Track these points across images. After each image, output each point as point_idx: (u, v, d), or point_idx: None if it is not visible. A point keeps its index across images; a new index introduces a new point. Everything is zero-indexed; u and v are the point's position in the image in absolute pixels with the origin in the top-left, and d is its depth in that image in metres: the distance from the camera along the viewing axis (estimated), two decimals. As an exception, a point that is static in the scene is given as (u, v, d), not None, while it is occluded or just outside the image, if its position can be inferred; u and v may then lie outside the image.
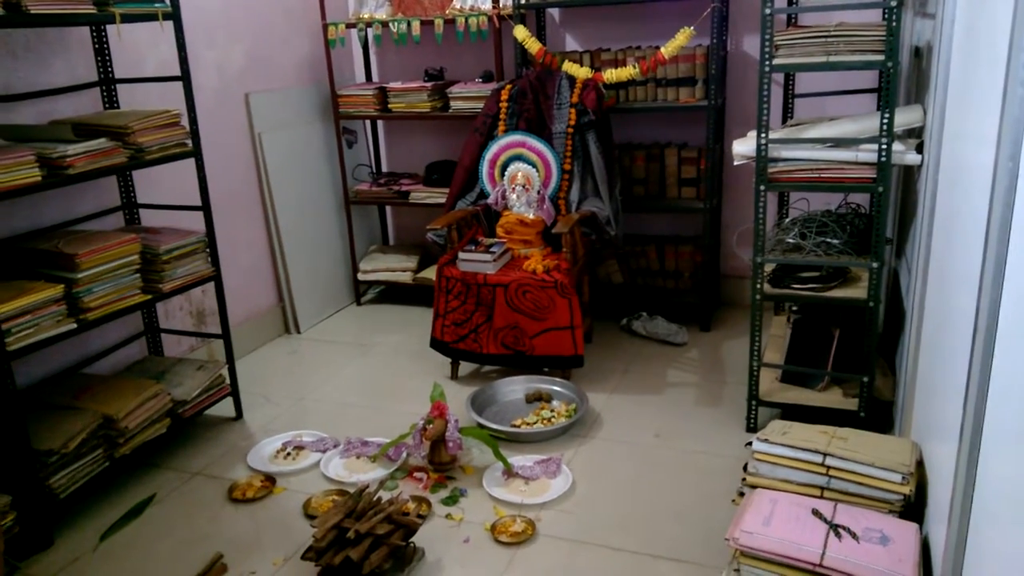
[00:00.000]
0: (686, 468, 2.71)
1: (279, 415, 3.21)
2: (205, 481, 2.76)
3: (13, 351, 2.28)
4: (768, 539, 1.75)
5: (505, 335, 3.27)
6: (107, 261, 2.56)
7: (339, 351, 3.85)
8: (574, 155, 3.48)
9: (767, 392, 2.88)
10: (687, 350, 3.65)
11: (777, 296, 2.81)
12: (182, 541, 2.42)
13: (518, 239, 3.44)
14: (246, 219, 3.85)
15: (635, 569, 2.22)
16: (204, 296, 3.53)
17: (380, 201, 4.37)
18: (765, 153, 2.62)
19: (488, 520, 2.45)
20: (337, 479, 2.71)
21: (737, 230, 3.92)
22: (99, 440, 2.58)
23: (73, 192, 2.90)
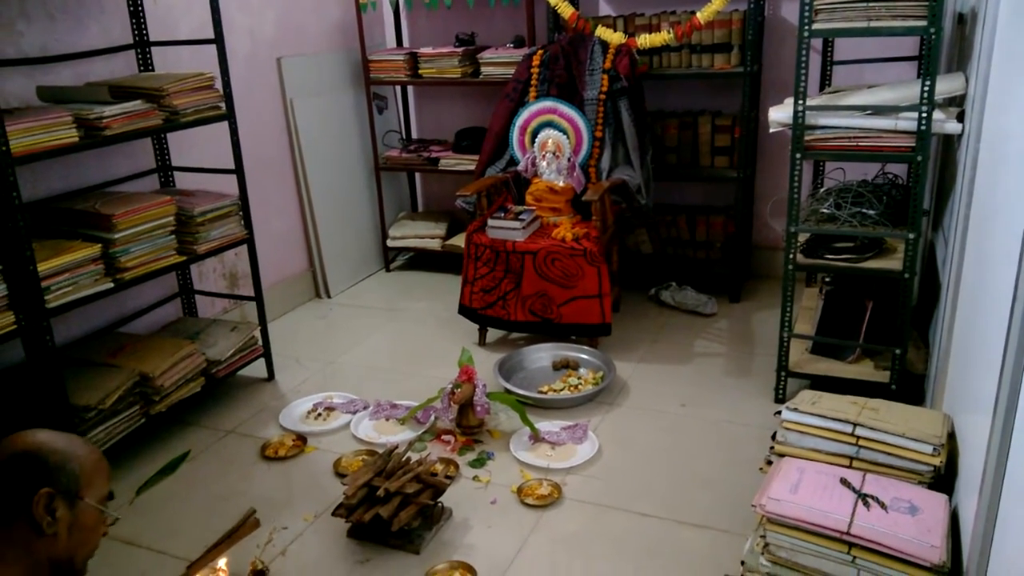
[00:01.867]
0: (712, 437, 2.71)
1: (310, 377, 3.26)
2: (238, 439, 2.82)
3: (52, 308, 2.34)
4: (795, 506, 1.75)
5: (533, 302, 3.27)
6: (143, 222, 2.60)
7: (369, 316, 3.88)
8: (606, 122, 3.44)
9: (796, 363, 2.86)
10: (716, 321, 3.63)
11: (810, 266, 2.78)
12: (216, 496, 2.48)
13: (547, 207, 3.43)
14: (278, 184, 3.87)
15: (660, 534, 2.24)
16: (237, 259, 3.57)
17: (410, 168, 4.38)
18: (802, 120, 2.58)
19: (515, 483, 2.48)
20: (367, 440, 2.76)
21: (770, 200, 3.87)
22: (135, 397, 2.64)
23: (109, 154, 2.94)
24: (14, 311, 2.23)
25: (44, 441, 1.26)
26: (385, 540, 2.20)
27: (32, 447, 1.24)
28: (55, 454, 1.26)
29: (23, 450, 1.23)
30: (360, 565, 2.16)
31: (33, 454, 1.23)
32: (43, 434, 1.28)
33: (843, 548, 1.69)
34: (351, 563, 2.16)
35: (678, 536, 2.23)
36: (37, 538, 1.23)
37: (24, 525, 1.22)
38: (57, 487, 1.25)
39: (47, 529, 1.24)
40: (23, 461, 1.22)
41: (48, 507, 1.24)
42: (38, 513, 1.22)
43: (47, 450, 1.26)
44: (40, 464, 1.23)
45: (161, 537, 2.30)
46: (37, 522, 1.23)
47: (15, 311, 2.23)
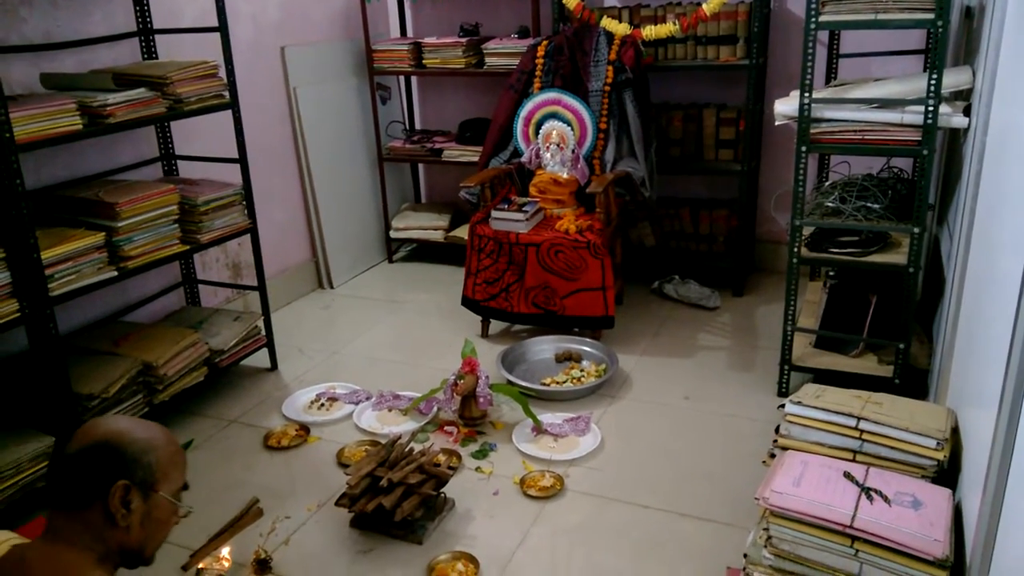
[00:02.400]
0: (715, 430, 2.71)
1: (313, 367, 3.26)
2: (241, 429, 2.82)
3: (55, 296, 2.33)
4: (798, 499, 1.75)
5: (536, 295, 3.27)
6: (146, 211, 2.60)
7: (371, 307, 3.88)
8: (610, 114, 3.43)
9: (800, 357, 2.86)
10: (719, 314, 3.63)
11: (815, 260, 2.78)
12: (219, 486, 2.49)
13: (551, 199, 3.42)
14: (281, 174, 3.87)
15: (662, 526, 2.24)
16: (240, 249, 3.57)
17: (413, 158, 4.37)
18: (808, 113, 2.57)
19: (517, 474, 2.48)
20: (369, 430, 2.76)
21: (775, 194, 3.86)
22: (139, 386, 2.64)
23: (112, 142, 2.93)
24: (17, 299, 2.23)
25: (124, 430, 1.26)
26: (388, 530, 2.21)
27: (113, 436, 1.24)
28: (134, 444, 1.26)
29: (103, 439, 1.23)
30: (363, 555, 2.16)
31: (113, 444, 1.24)
32: (124, 422, 1.29)
33: (846, 541, 1.69)
34: (354, 553, 2.17)
35: (680, 528, 2.23)
36: (111, 528, 1.24)
37: (99, 513, 1.23)
38: (133, 479, 1.25)
39: (121, 521, 1.24)
40: (103, 450, 1.23)
41: (124, 499, 1.24)
42: (113, 505, 1.23)
43: (127, 440, 1.26)
44: (119, 455, 1.24)
45: (164, 525, 2.30)
46: (112, 513, 1.23)
47: (18, 299, 2.23)
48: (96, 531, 1.23)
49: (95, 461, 1.22)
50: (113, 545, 1.25)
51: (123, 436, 1.26)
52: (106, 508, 1.23)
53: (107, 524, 1.24)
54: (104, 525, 1.24)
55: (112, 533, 1.25)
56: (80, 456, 1.22)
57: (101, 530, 1.23)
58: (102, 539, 1.24)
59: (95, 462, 1.23)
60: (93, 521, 1.23)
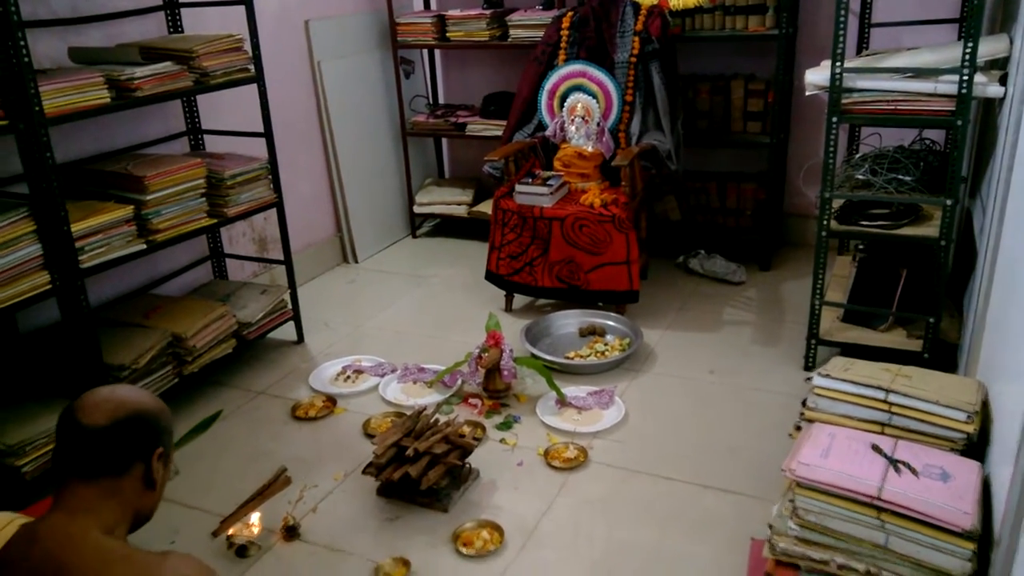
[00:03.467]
0: (740, 404, 2.70)
1: (338, 340, 3.29)
2: (269, 400, 2.86)
3: (86, 268, 2.37)
4: (826, 471, 1.74)
5: (560, 269, 3.26)
6: (174, 184, 2.62)
7: (395, 281, 3.90)
8: (636, 86, 3.39)
9: (827, 331, 2.84)
10: (745, 289, 3.60)
11: (844, 233, 2.74)
12: (247, 455, 2.53)
13: (576, 172, 3.40)
14: (306, 148, 3.88)
15: (686, 498, 2.25)
16: (266, 224, 3.59)
17: (437, 133, 4.36)
18: (839, 83, 2.52)
19: (541, 446, 2.49)
20: (395, 402, 2.78)
21: (804, 167, 3.80)
22: (168, 357, 2.68)
23: (139, 117, 2.95)
24: (49, 271, 2.26)
25: (147, 401, 1.33)
26: (413, 499, 2.23)
27: (141, 407, 1.30)
28: (163, 413, 1.34)
29: (135, 410, 1.29)
30: (389, 522, 2.19)
31: (146, 414, 1.30)
32: (138, 392, 1.35)
33: (873, 513, 1.68)
34: (380, 520, 2.20)
35: (704, 500, 2.23)
36: (144, 491, 1.29)
37: (134, 480, 1.28)
38: (165, 446, 1.33)
39: (159, 485, 1.32)
40: (142, 419, 1.29)
41: (158, 465, 1.31)
42: (155, 468, 1.30)
43: (156, 410, 1.33)
44: (153, 424, 1.31)
45: (194, 493, 2.34)
46: (152, 478, 1.29)
47: (50, 271, 2.27)
48: (123, 496, 1.27)
49: (134, 430, 1.28)
50: (133, 508, 1.29)
51: (150, 408, 1.32)
52: (147, 473, 1.29)
53: (140, 488, 1.29)
54: (135, 490, 1.28)
55: (140, 497, 1.30)
56: (118, 427, 1.26)
57: (130, 495, 1.28)
58: (127, 503, 1.27)
59: (135, 431, 1.28)
60: (124, 487, 1.26)
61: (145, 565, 1.17)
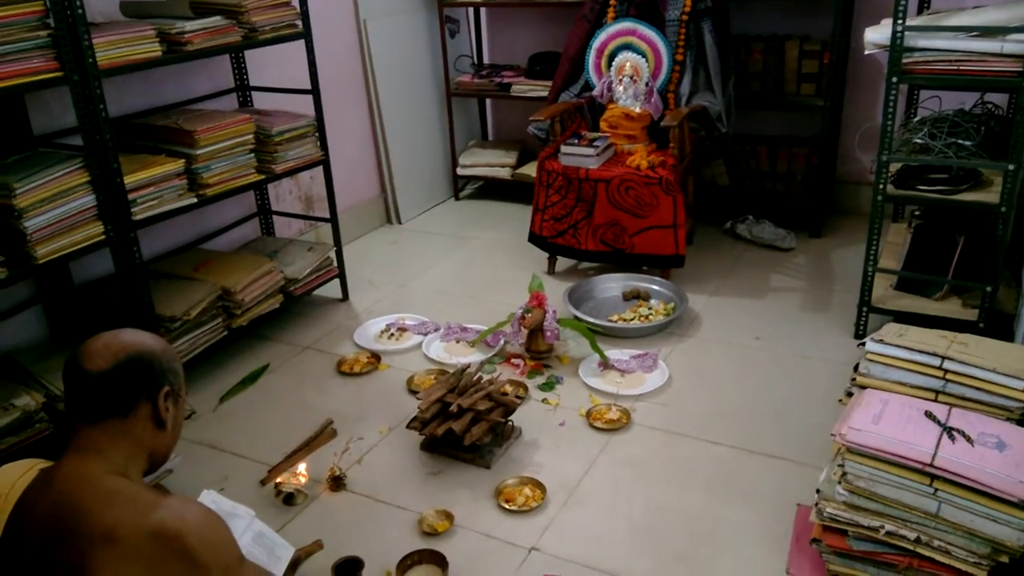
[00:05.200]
0: (787, 370, 2.66)
1: (382, 299, 3.31)
2: (315, 355, 2.89)
3: (138, 220, 2.41)
4: (877, 436, 1.71)
5: (605, 232, 3.23)
6: (223, 139, 2.63)
7: (438, 243, 3.90)
8: (687, 45, 3.31)
9: (879, 299, 2.77)
10: (794, 256, 3.53)
11: (901, 197, 2.67)
12: (294, 407, 2.57)
13: (622, 134, 3.35)
14: (351, 108, 3.87)
15: (730, 461, 2.23)
16: (312, 182, 3.61)
17: (481, 93, 4.32)
18: (901, 42, 2.43)
19: (583, 407, 2.49)
20: (438, 360, 2.80)
21: (859, 130, 3.69)
22: (218, 310, 2.73)
23: (188, 72, 2.97)
24: (103, 222, 2.31)
25: (150, 343, 1.34)
26: (456, 454, 2.25)
27: (144, 349, 1.31)
28: (165, 354, 1.35)
29: (137, 352, 1.30)
30: (433, 476, 2.21)
31: (147, 356, 1.31)
32: (141, 335, 1.35)
33: (925, 480, 1.65)
34: (424, 474, 2.22)
35: (748, 465, 2.22)
36: (153, 431, 1.31)
37: (142, 420, 1.29)
38: (172, 386, 1.34)
39: (168, 424, 1.33)
40: (141, 361, 1.30)
41: (165, 404, 1.31)
42: (163, 407, 1.30)
43: (158, 351, 1.33)
44: (156, 364, 1.31)
45: (243, 442, 2.39)
46: (160, 418, 1.31)
47: (103, 222, 2.31)
48: (133, 437, 1.29)
49: (136, 372, 1.29)
50: (147, 449, 1.32)
51: (152, 348, 1.33)
52: (155, 413, 1.30)
53: (150, 428, 1.31)
54: (145, 430, 1.30)
55: (152, 437, 1.32)
56: (119, 369, 1.27)
57: (140, 435, 1.30)
58: (140, 444, 1.30)
59: (136, 373, 1.29)
60: (132, 428, 1.28)
61: (150, 504, 1.20)
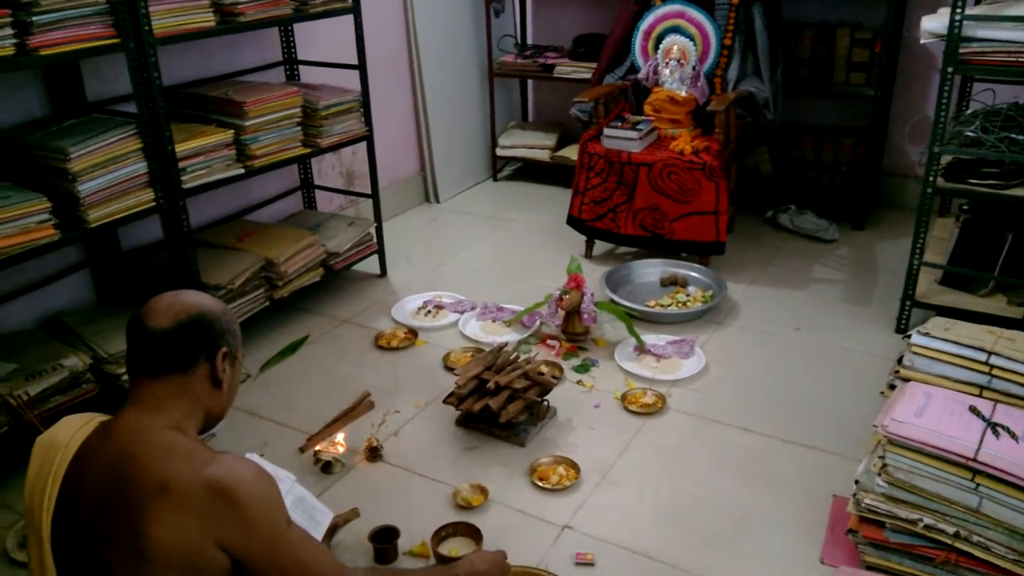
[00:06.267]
0: (827, 362, 2.63)
1: (419, 276, 3.33)
2: (353, 328, 2.93)
3: (188, 189, 2.45)
4: (920, 429, 1.69)
5: (644, 216, 3.21)
6: (272, 111, 2.66)
7: (476, 223, 3.91)
8: (736, 29, 3.27)
9: (923, 293, 2.73)
10: (836, 247, 3.48)
11: (951, 190, 2.62)
12: (332, 378, 2.61)
13: (667, 118, 3.32)
14: (395, 85, 3.88)
15: (765, 450, 2.22)
16: (354, 158, 3.64)
17: (524, 74, 4.30)
18: (958, 31, 2.38)
19: (618, 390, 2.49)
20: (474, 338, 2.82)
21: (908, 122, 3.62)
22: (261, 281, 2.77)
23: (237, 44, 3.00)
24: (153, 189, 2.35)
25: (212, 305, 1.37)
26: (492, 431, 2.27)
27: (206, 310, 1.34)
28: (226, 315, 1.38)
29: (198, 313, 1.33)
30: (468, 451, 2.23)
31: (208, 316, 1.34)
32: (203, 297, 1.38)
33: (967, 475, 1.63)
34: (459, 449, 2.24)
35: (783, 454, 2.20)
36: (210, 389, 1.34)
37: (200, 378, 1.33)
38: (230, 347, 1.37)
39: (224, 383, 1.36)
40: (204, 321, 1.33)
41: (223, 364, 1.35)
42: (220, 367, 1.33)
43: (219, 312, 1.37)
44: (216, 325, 1.35)
45: (282, 410, 2.43)
46: (218, 377, 1.34)
47: (154, 189, 2.35)
48: (191, 394, 1.32)
49: (197, 331, 1.32)
50: (204, 407, 1.35)
51: (213, 310, 1.35)
52: (213, 372, 1.33)
53: (208, 387, 1.34)
54: (203, 388, 1.33)
55: (209, 395, 1.35)
56: (181, 328, 1.30)
57: (198, 393, 1.33)
58: (199, 401, 1.33)
59: (197, 332, 1.32)
60: (191, 385, 1.32)
61: (205, 458, 1.23)
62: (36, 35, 2.00)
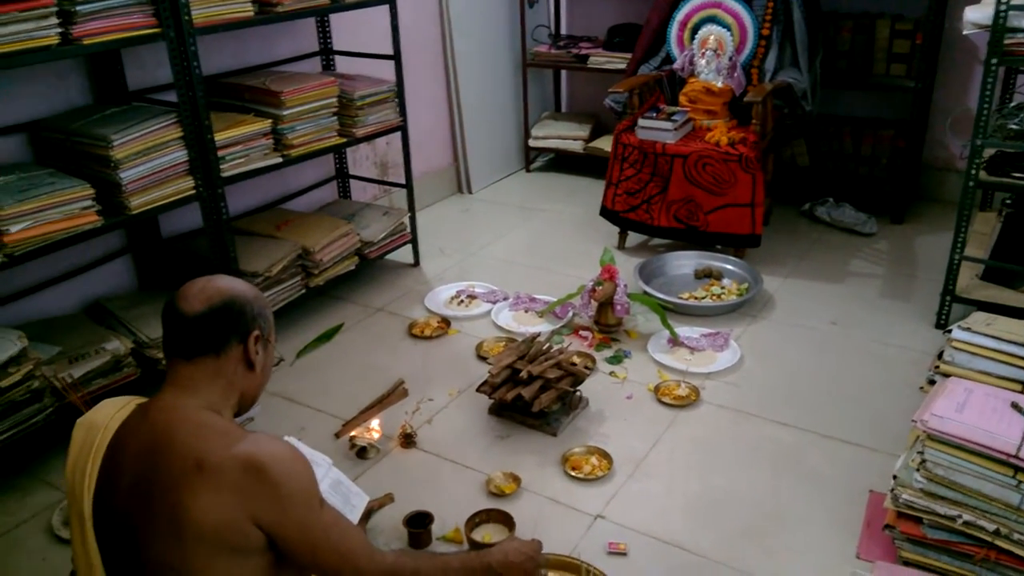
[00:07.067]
0: (863, 357, 2.60)
1: (452, 266, 3.34)
2: (387, 317, 2.95)
3: (227, 177, 2.48)
4: (960, 425, 1.66)
5: (679, 208, 3.19)
6: (308, 101, 2.69)
7: (508, 213, 3.91)
8: (774, 19, 3.22)
9: (964, 288, 2.68)
10: (874, 241, 3.43)
11: (994, 184, 2.57)
12: (366, 366, 2.63)
13: (702, 109, 3.29)
14: (428, 75, 3.89)
15: (800, 445, 2.20)
16: (388, 149, 3.66)
17: (558, 65, 4.29)
18: (1003, 21, 2.33)
19: (651, 382, 2.49)
20: (506, 328, 2.83)
21: (950, 115, 3.55)
22: (297, 269, 2.80)
23: (274, 35, 3.03)
24: (193, 176, 2.38)
25: (246, 289, 1.39)
26: (524, 420, 2.28)
27: (238, 293, 1.37)
28: (258, 300, 1.40)
29: (230, 297, 1.35)
30: (500, 440, 2.24)
31: (241, 299, 1.36)
32: (240, 282, 1.40)
33: (1008, 472, 1.61)
34: (492, 437, 2.26)
35: (818, 448, 2.18)
36: (245, 373, 1.37)
37: (233, 360, 1.35)
38: (262, 331, 1.38)
39: (257, 365, 1.37)
40: (236, 305, 1.35)
41: (256, 347, 1.36)
42: (252, 350, 1.35)
43: (251, 296, 1.39)
44: (248, 309, 1.36)
45: (318, 396, 2.46)
46: (251, 360, 1.36)
47: (194, 176, 2.39)
48: (225, 377, 1.34)
49: (229, 314, 1.34)
50: (238, 390, 1.37)
51: (245, 294, 1.37)
52: (246, 355, 1.35)
53: (241, 369, 1.36)
54: (236, 371, 1.35)
55: (243, 378, 1.37)
56: (214, 312, 1.32)
57: (231, 376, 1.35)
58: (230, 385, 1.35)
59: (229, 315, 1.34)
60: (224, 367, 1.34)
61: (239, 437, 1.25)
62: (80, 24, 2.04)
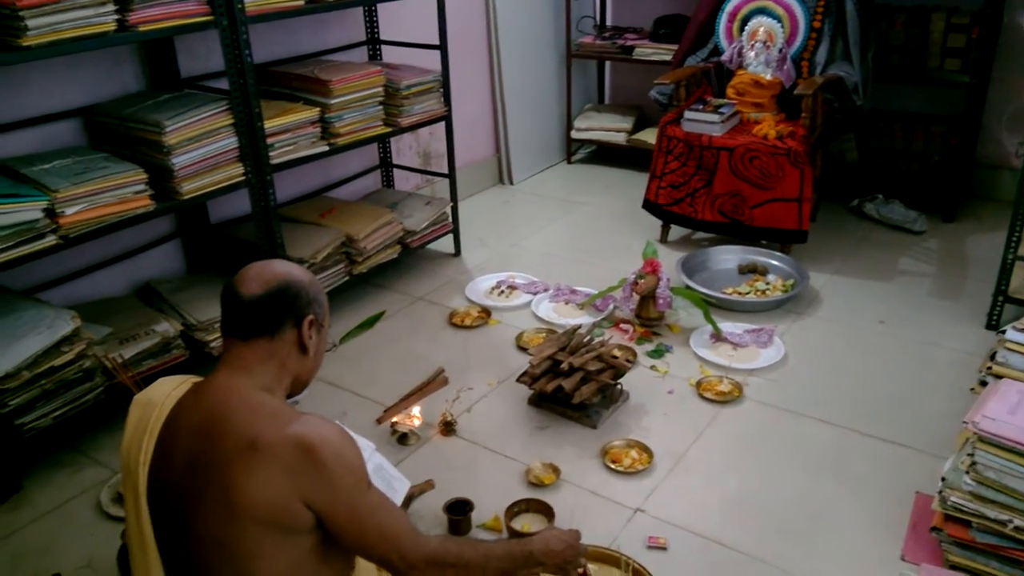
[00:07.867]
0: (911, 357, 2.55)
1: (492, 257, 3.35)
2: (428, 306, 2.97)
3: (275, 164, 2.51)
4: (1013, 427, 1.62)
5: (724, 202, 3.15)
6: (356, 90, 2.71)
7: (549, 205, 3.91)
8: (826, 11, 3.16)
9: (1017, 289, 2.61)
10: (924, 239, 3.36)
11: (1053, 182, 2.49)
12: (407, 353, 2.65)
13: (750, 101, 3.25)
14: (472, 66, 3.90)
15: (844, 444, 2.17)
16: (431, 139, 3.67)
17: (603, 56, 4.26)
18: (1070, 13, 2.25)
19: (693, 377, 2.47)
20: (546, 319, 2.82)
21: (1007, 110, 3.45)
22: (341, 256, 2.83)
23: (322, 24, 3.06)
24: (243, 163, 2.42)
25: (302, 274, 1.41)
26: (564, 411, 2.28)
27: (294, 278, 1.39)
28: (313, 285, 1.42)
29: (288, 280, 1.38)
30: (540, 430, 2.25)
31: (297, 283, 1.38)
32: (296, 267, 1.42)
33: (1064, 478, 1.56)
34: (531, 427, 2.26)
35: (863, 448, 2.15)
36: (296, 354, 1.38)
37: (287, 343, 1.37)
38: (316, 316, 1.40)
39: (310, 349, 1.39)
40: (292, 289, 1.37)
41: (309, 332, 1.38)
42: (306, 334, 1.37)
43: (307, 281, 1.41)
44: (303, 293, 1.39)
45: (360, 382, 2.49)
46: (304, 344, 1.38)
47: (244, 163, 2.42)
48: (279, 359, 1.36)
49: (285, 298, 1.36)
50: (291, 372, 1.39)
51: (300, 279, 1.39)
52: (300, 338, 1.37)
53: (295, 352, 1.38)
54: (290, 353, 1.37)
55: (296, 361, 1.38)
56: (270, 295, 1.34)
57: (285, 358, 1.37)
58: (284, 367, 1.37)
59: (285, 299, 1.36)
60: (278, 349, 1.36)
61: (291, 418, 1.27)
62: (135, 11, 2.08)
